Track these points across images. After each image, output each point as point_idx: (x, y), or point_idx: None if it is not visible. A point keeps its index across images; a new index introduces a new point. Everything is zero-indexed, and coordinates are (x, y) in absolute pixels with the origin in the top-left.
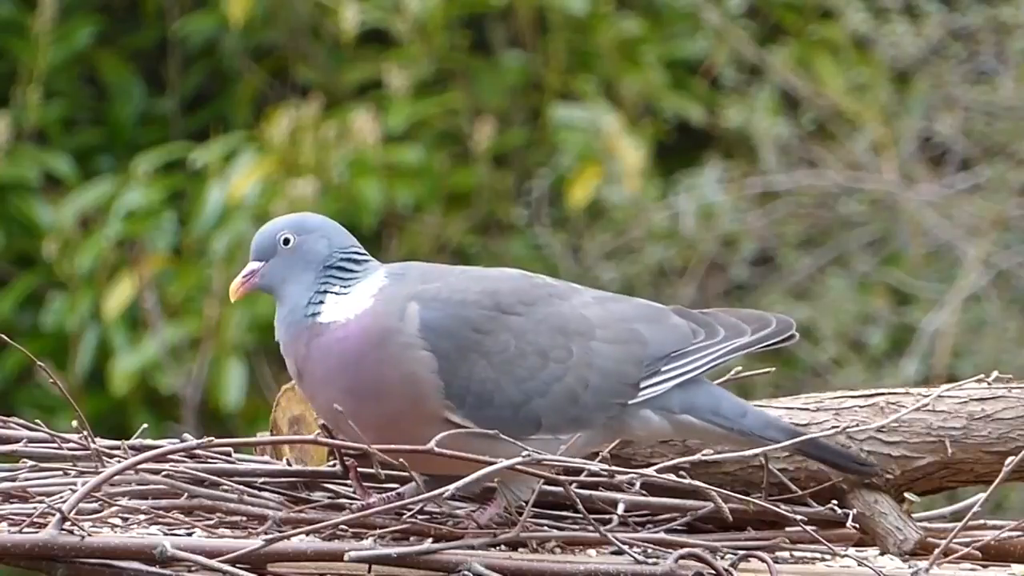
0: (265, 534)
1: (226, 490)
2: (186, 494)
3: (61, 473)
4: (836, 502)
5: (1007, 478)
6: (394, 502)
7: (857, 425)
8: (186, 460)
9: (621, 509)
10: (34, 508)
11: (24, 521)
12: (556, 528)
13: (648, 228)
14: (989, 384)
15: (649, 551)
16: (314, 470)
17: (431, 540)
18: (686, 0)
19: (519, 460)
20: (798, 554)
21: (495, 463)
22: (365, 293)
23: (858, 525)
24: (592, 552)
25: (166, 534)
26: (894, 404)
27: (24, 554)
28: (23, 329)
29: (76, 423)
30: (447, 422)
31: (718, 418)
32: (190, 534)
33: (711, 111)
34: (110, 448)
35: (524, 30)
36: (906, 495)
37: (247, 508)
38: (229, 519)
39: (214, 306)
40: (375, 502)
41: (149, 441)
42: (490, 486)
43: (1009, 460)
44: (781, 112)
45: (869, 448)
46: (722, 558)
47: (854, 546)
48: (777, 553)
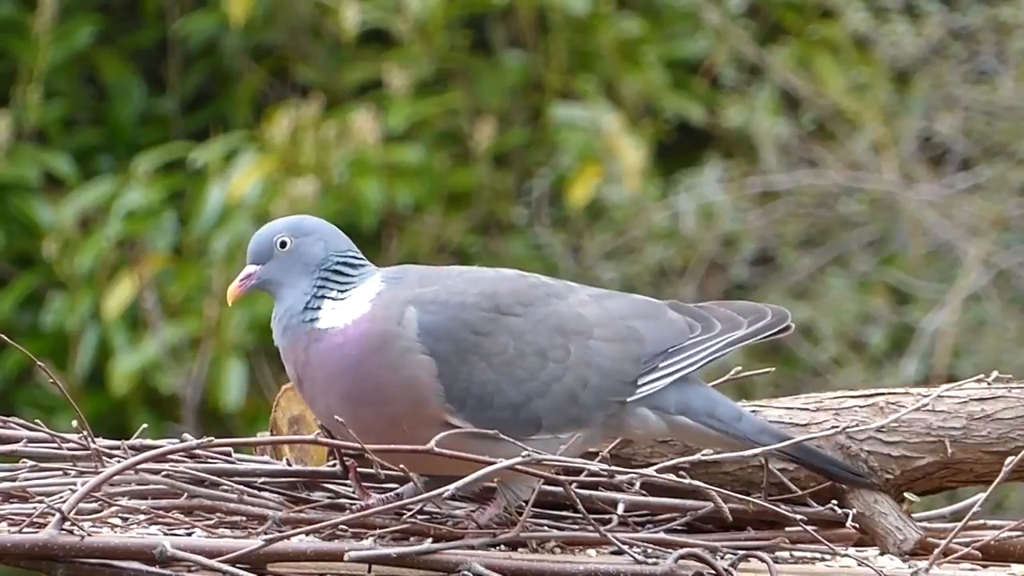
0: (265, 534)
1: (226, 490)
2: (186, 494)
3: (61, 473)
4: (836, 502)
5: (1007, 478)
6: (394, 502)
7: (857, 425)
8: (186, 460)
9: (621, 509)
10: (34, 508)
11: (24, 521)
12: (556, 528)
13: (648, 228)
14: (989, 384)
15: (649, 551)
16: (314, 470)
17: (431, 540)
18: (686, 0)
19: (519, 460)
20: (798, 554)
21: (495, 463)
22: (362, 298)
23: (858, 525)
24: (592, 552)
25: (166, 534)
26: (894, 404)
27: (24, 554)
28: (23, 329)
29: (76, 423)
30: (448, 425)
31: (713, 420)
32: (190, 534)
33: (711, 111)
34: (110, 448)
35: (525, 30)
36: (906, 495)
37: (247, 508)
38: (229, 519)
39: (214, 306)
40: (375, 502)
41: (149, 441)
42: (490, 486)
43: (1009, 460)
44: (781, 112)
45: (869, 448)
46: (722, 558)
47: (854, 546)
48: (777, 553)
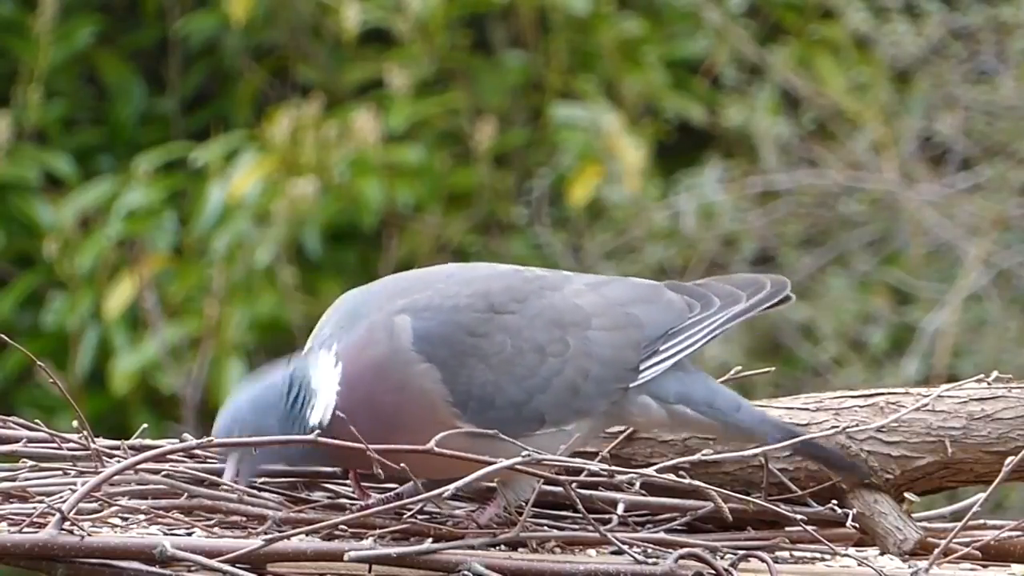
0: (265, 534)
1: (226, 490)
2: (186, 494)
3: (61, 473)
4: (836, 502)
5: (1007, 478)
6: (394, 502)
7: (857, 425)
8: (186, 460)
9: (621, 509)
10: (34, 508)
11: (24, 521)
12: (556, 528)
13: (648, 228)
14: (989, 384)
15: (649, 551)
16: (314, 470)
17: (431, 540)
18: (686, 0)
19: (519, 460)
20: (798, 554)
21: (495, 463)
22: (327, 376)
23: (858, 525)
24: (592, 552)
25: (166, 534)
26: (894, 404)
27: (24, 554)
28: (23, 329)
29: (76, 423)
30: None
31: (712, 410)
32: (190, 534)
33: (711, 111)
34: (110, 448)
35: (525, 30)
36: (906, 495)
37: (247, 508)
38: (229, 519)
39: (214, 306)
40: (375, 502)
41: (149, 441)
42: (490, 486)
43: (1009, 460)
44: (781, 112)
45: (869, 448)
46: (722, 558)
47: (854, 546)
48: (777, 553)
